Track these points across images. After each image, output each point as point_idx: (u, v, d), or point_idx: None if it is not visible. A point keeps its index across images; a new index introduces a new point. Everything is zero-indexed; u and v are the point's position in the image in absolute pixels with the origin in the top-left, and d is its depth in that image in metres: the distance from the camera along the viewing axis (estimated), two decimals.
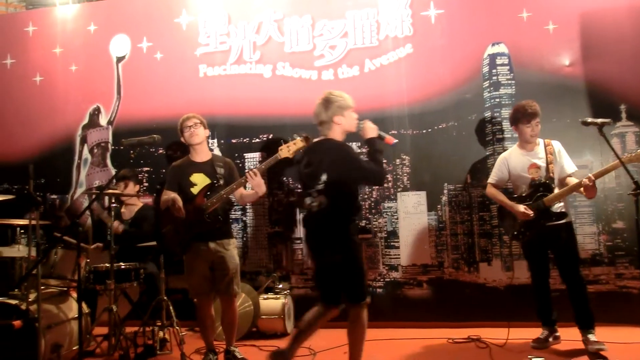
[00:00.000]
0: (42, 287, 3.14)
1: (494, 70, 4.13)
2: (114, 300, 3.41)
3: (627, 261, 3.82)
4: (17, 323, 2.86)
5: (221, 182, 3.21)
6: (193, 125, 3.26)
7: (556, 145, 3.37)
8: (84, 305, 3.42)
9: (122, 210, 4.16)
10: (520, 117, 3.32)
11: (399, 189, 4.27)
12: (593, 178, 3.05)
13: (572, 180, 3.26)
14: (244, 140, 4.52)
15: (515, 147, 3.48)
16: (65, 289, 3.47)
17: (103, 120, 4.81)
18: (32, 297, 3.05)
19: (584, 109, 3.90)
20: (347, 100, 2.85)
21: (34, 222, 3.06)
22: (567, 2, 4.03)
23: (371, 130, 2.85)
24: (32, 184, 3.10)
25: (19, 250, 3.43)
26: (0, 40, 5.11)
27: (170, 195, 3.18)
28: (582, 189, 3.11)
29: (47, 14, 5.10)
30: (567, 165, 3.35)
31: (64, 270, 3.40)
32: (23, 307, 2.99)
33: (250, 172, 3.05)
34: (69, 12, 5.03)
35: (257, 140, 4.49)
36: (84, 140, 4.85)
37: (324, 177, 2.71)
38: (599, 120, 2.84)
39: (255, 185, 3.08)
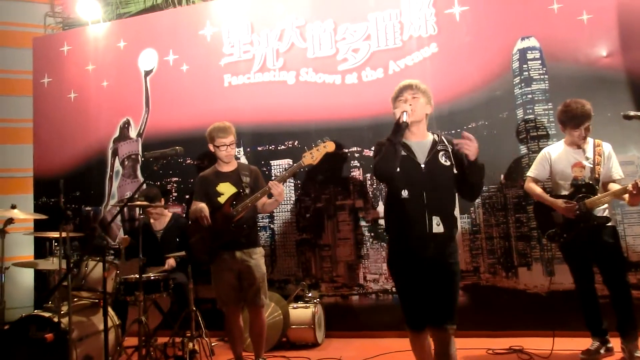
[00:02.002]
0: (74, 300, 3.20)
1: (524, 66, 3.96)
2: (144, 311, 3.43)
3: None
4: (49, 336, 2.91)
5: (247, 190, 3.20)
6: (230, 144, 3.26)
7: (607, 147, 3.19)
8: (114, 317, 3.47)
9: (152, 221, 4.21)
10: (568, 121, 3.14)
11: None
12: (639, 185, 2.83)
13: (616, 187, 3.06)
14: (270, 147, 4.51)
15: (562, 142, 3.30)
16: (97, 300, 3.52)
17: (133, 132, 4.93)
18: (64, 309, 3.10)
19: (626, 101, 3.67)
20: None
21: (64, 234, 3.12)
22: None
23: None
24: (63, 198, 3.17)
25: (52, 263, 3.51)
26: (40, 60, 5.35)
27: (198, 205, 3.20)
28: (626, 195, 2.91)
29: (80, 33, 5.30)
30: (615, 170, 3.16)
31: (95, 282, 3.45)
32: (55, 319, 3.04)
33: (272, 182, 3.05)
34: (100, 30, 5.20)
35: (283, 147, 4.46)
36: (115, 153, 4.98)
37: None
38: None
39: (277, 195, 3.07)
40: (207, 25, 4.79)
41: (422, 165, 2.42)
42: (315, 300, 4.06)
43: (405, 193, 2.39)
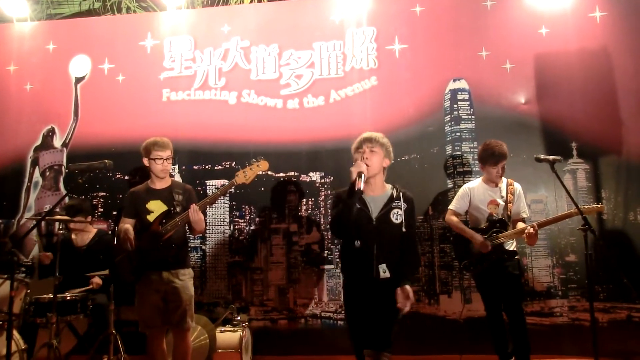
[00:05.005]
0: None
1: (455, 105, 4.26)
2: (56, 334, 3.18)
3: (579, 294, 3.93)
4: None
5: (178, 209, 3.11)
6: (167, 158, 3.17)
7: (517, 186, 3.51)
8: (20, 341, 3.18)
9: (73, 237, 3.96)
10: (488, 158, 3.42)
11: None
12: (537, 227, 3.23)
13: (521, 225, 3.40)
14: (206, 166, 4.44)
15: (481, 180, 3.57)
16: (1, 322, 3.22)
17: (57, 142, 4.62)
18: None
19: (539, 145, 4.06)
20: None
21: None
22: (522, 43, 4.23)
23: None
24: None
25: None
26: None
27: (124, 225, 3.07)
28: (524, 235, 3.26)
29: (2, 30, 4.92)
30: (523, 208, 3.50)
31: (1, 302, 3.16)
32: None
33: (193, 207, 2.99)
34: (26, 30, 4.87)
35: (220, 167, 4.41)
36: (35, 163, 4.63)
37: None
38: (551, 158, 2.97)
39: (193, 221, 3.00)
40: (147, 37, 4.67)
41: (374, 220, 2.58)
42: (243, 324, 4.00)
43: (357, 243, 2.57)
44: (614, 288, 3.87)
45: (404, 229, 2.58)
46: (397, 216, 2.59)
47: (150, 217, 3.10)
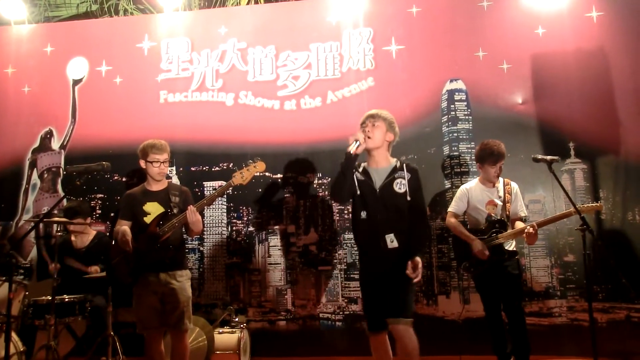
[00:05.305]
0: None
1: (452, 106, 4.25)
2: (54, 336, 3.19)
3: (577, 294, 3.92)
4: None
5: (175, 210, 3.11)
6: (164, 161, 3.17)
7: (515, 186, 3.50)
8: (19, 343, 3.19)
9: (73, 239, 3.97)
10: (487, 157, 3.42)
11: None
12: (536, 227, 3.22)
13: (520, 224, 3.39)
14: (204, 168, 4.44)
15: (477, 181, 3.56)
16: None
17: (55, 144, 4.62)
18: None
19: (536, 145, 4.05)
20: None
21: None
22: (519, 43, 4.23)
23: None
24: None
25: None
26: None
27: (121, 227, 3.07)
28: (524, 234, 3.26)
29: (0, 32, 4.93)
30: (521, 208, 3.49)
31: (1, 304, 3.17)
32: None
33: (191, 209, 2.99)
34: (24, 32, 4.88)
35: (217, 168, 4.41)
36: (33, 165, 4.64)
37: None
38: (548, 158, 2.97)
39: (190, 223, 3.01)
40: (145, 39, 4.67)
41: (377, 190, 2.67)
42: (241, 326, 3.99)
43: (363, 214, 2.69)
44: (613, 288, 3.86)
45: (408, 198, 2.66)
46: (400, 185, 2.67)
47: (147, 219, 3.10)
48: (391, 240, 2.61)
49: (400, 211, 2.66)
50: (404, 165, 2.74)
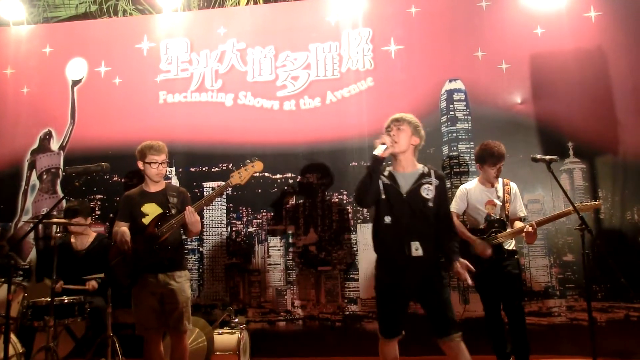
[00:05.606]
0: None
1: (451, 106, 4.26)
2: (54, 337, 3.18)
3: (576, 294, 3.92)
4: None
5: (173, 211, 3.11)
6: (162, 163, 3.17)
7: (514, 186, 3.51)
8: (17, 344, 3.18)
9: (73, 240, 3.96)
10: (487, 158, 3.42)
11: (358, 221, 4.26)
12: (535, 226, 3.22)
13: (519, 224, 3.40)
14: (203, 169, 4.44)
15: (477, 181, 3.57)
16: None
17: (54, 145, 4.62)
18: None
19: (535, 145, 4.06)
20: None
21: None
22: (518, 43, 4.23)
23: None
24: None
25: None
26: None
27: (120, 228, 3.07)
28: (523, 234, 3.26)
29: None
30: (520, 208, 3.50)
31: (0, 306, 3.16)
32: None
33: (189, 209, 2.98)
34: (23, 33, 4.88)
35: (217, 169, 4.41)
36: (32, 166, 4.63)
37: None
38: (547, 157, 2.97)
39: (189, 223, 3.00)
40: (144, 40, 4.67)
41: (404, 195, 2.61)
42: (241, 326, 3.99)
43: (388, 219, 2.61)
44: (612, 287, 3.86)
45: (436, 206, 2.61)
46: (427, 192, 2.61)
47: (146, 220, 3.10)
48: (416, 248, 2.55)
49: (426, 218, 2.60)
50: (432, 171, 2.69)
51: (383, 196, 2.64)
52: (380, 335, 2.68)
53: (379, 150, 2.58)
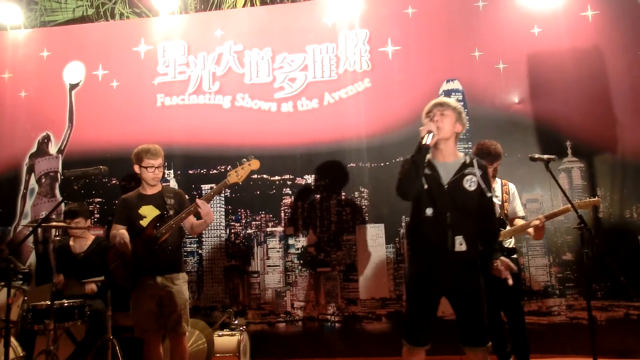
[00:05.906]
0: None
1: None
2: (54, 341, 3.19)
3: (576, 292, 3.93)
4: None
5: (171, 212, 3.11)
6: (158, 166, 3.16)
7: (512, 186, 3.51)
8: (18, 348, 3.19)
9: (71, 243, 3.96)
10: (484, 157, 3.41)
11: (357, 222, 4.26)
12: (544, 219, 3.18)
13: (520, 221, 3.39)
14: (202, 171, 4.44)
15: None
16: None
17: (53, 149, 4.62)
18: None
19: (533, 144, 4.06)
20: None
21: None
22: (515, 43, 4.24)
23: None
24: None
25: None
26: None
27: (118, 230, 3.07)
28: (530, 229, 3.24)
29: None
30: (518, 207, 3.49)
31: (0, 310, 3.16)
32: None
33: (200, 201, 2.95)
34: (20, 37, 4.88)
35: (215, 171, 4.41)
36: (31, 170, 4.64)
37: None
38: (545, 157, 2.96)
39: (204, 214, 2.99)
40: (141, 43, 4.68)
41: (446, 186, 2.44)
42: (241, 328, 3.99)
43: (429, 211, 2.43)
44: (611, 286, 3.86)
45: (478, 198, 2.43)
46: (470, 183, 2.43)
47: (143, 223, 3.10)
48: (460, 243, 2.38)
49: (469, 211, 2.42)
50: (475, 160, 2.48)
51: (425, 186, 2.44)
52: (405, 341, 2.46)
53: (426, 139, 2.38)
